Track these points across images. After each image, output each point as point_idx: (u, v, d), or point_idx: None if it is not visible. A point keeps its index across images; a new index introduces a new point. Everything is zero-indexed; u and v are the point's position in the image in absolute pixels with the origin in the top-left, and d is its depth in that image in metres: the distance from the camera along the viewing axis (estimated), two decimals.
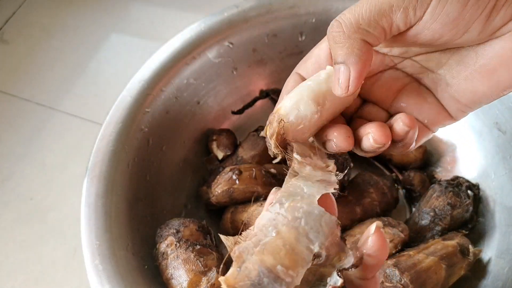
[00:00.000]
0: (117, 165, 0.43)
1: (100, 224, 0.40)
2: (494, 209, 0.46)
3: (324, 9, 0.51)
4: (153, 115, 0.48)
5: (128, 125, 0.45)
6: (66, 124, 0.67)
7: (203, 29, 0.50)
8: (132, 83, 0.47)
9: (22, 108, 0.69)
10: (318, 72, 0.26)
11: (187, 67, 0.50)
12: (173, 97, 0.50)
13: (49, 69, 0.73)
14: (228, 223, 0.46)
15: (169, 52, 0.49)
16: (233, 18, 0.51)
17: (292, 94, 0.25)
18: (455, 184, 0.46)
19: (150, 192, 0.47)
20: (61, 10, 0.81)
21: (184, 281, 0.38)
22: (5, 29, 0.79)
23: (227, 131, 0.54)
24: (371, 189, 0.47)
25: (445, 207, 0.44)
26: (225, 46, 0.52)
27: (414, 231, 0.45)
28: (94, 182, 0.42)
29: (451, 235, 0.43)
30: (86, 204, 0.41)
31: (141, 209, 0.45)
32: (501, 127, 0.46)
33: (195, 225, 0.42)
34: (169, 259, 0.40)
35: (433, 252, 0.41)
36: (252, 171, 0.46)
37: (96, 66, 0.73)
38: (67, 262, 0.55)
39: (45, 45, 0.76)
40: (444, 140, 0.52)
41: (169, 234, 0.41)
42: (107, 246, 0.39)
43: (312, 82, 0.25)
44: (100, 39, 0.76)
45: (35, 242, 0.57)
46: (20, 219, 0.59)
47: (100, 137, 0.44)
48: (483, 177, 0.48)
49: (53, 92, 0.70)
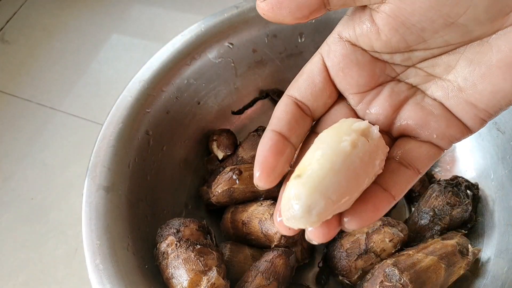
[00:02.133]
0: (117, 165, 0.43)
1: (101, 224, 0.40)
2: (493, 209, 0.46)
3: None
4: (153, 115, 0.48)
5: (129, 125, 0.46)
6: (67, 124, 0.67)
7: (203, 29, 0.50)
8: (132, 83, 0.47)
9: (23, 108, 0.69)
10: (338, 133, 0.22)
11: (187, 68, 0.50)
12: (173, 98, 0.50)
13: (50, 70, 0.73)
14: (228, 223, 0.47)
15: (170, 52, 0.49)
16: (233, 18, 0.51)
17: (306, 188, 0.20)
18: (454, 184, 0.46)
19: (151, 192, 0.47)
20: (62, 10, 0.81)
21: (184, 281, 0.38)
22: (6, 29, 0.79)
23: (227, 131, 0.54)
24: None
25: (444, 207, 0.44)
26: (225, 47, 0.52)
27: (413, 231, 0.45)
28: (95, 182, 0.42)
29: (451, 235, 0.43)
30: (86, 203, 0.41)
31: (142, 209, 0.45)
32: (500, 127, 0.46)
33: (195, 225, 0.42)
34: (169, 259, 0.40)
35: (432, 251, 0.41)
36: (252, 171, 0.46)
37: (97, 67, 0.73)
38: (68, 261, 0.55)
39: (46, 46, 0.76)
40: None
41: (169, 234, 0.41)
42: (107, 246, 0.39)
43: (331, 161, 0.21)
44: (101, 39, 0.76)
45: (36, 241, 0.57)
46: (21, 219, 0.59)
47: (100, 137, 0.44)
48: (482, 176, 0.48)
49: (54, 92, 0.71)
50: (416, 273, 0.39)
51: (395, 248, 0.42)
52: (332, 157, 0.21)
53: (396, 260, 0.40)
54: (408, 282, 0.38)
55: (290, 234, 0.23)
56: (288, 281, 0.42)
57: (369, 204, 0.22)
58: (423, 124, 0.23)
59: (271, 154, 0.23)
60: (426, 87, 0.24)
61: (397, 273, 0.39)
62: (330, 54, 0.24)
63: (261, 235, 0.44)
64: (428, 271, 0.40)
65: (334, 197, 0.20)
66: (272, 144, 0.23)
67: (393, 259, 0.40)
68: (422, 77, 0.24)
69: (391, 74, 0.24)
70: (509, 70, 0.20)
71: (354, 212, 0.22)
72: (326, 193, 0.20)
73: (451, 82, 0.23)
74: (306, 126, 0.25)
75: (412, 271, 0.39)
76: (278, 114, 0.24)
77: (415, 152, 0.23)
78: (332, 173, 0.21)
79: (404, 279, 0.38)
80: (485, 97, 0.21)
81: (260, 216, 0.44)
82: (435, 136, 0.23)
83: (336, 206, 0.21)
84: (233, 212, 0.47)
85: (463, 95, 0.22)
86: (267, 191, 0.46)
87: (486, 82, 0.21)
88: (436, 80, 0.23)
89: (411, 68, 0.24)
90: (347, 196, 0.21)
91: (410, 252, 0.41)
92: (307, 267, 0.47)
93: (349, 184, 0.21)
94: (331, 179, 0.20)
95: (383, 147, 0.23)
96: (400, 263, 0.40)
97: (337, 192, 0.20)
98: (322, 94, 0.25)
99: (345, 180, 0.21)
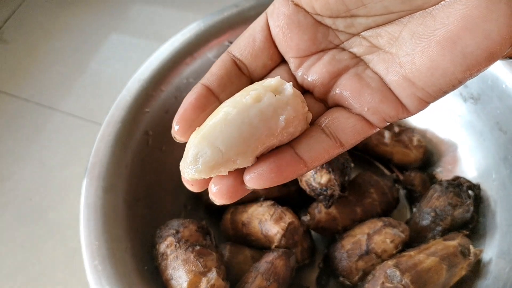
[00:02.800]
0: (116, 165, 0.43)
1: (100, 224, 0.40)
2: (495, 209, 0.45)
3: None
4: (152, 115, 0.48)
5: (128, 125, 0.45)
6: (66, 124, 0.67)
7: (203, 28, 0.50)
8: (131, 82, 0.47)
9: (22, 108, 0.69)
10: (244, 89, 0.22)
11: (186, 67, 0.50)
12: (172, 97, 0.50)
13: (49, 69, 0.73)
14: (228, 224, 0.46)
15: (169, 51, 0.49)
16: (233, 17, 0.51)
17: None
18: (456, 184, 0.46)
19: (150, 193, 0.47)
20: (61, 9, 0.81)
21: (183, 282, 0.38)
22: (4, 28, 0.79)
23: None
24: (371, 189, 0.46)
25: (446, 207, 0.44)
26: (224, 46, 0.51)
27: (415, 232, 0.45)
28: (94, 183, 0.41)
29: (452, 235, 0.43)
30: (85, 204, 0.40)
31: (141, 209, 0.45)
32: (502, 127, 0.45)
33: (194, 225, 0.42)
34: (168, 260, 0.40)
35: (434, 252, 0.41)
36: None
37: (96, 66, 0.73)
38: (66, 262, 0.55)
39: (44, 45, 0.76)
40: (445, 140, 0.52)
41: (168, 235, 0.41)
42: (106, 247, 0.39)
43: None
44: (100, 39, 0.76)
45: (34, 242, 0.57)
46: (19, 220, 0.58)
47: (99, 137, 0.44)
48: (484, 177, 0.47)
49: (52, 92, 0.70)
50: (417, 274, 0.39)
51: (396, 249, 0.42)
52: (229, 108, 0.21)
53: (397, 261, 0.40)
54: (409, 283, 0.38)
55: (193, 189, 0.22)
56: (288, 282, 0.42)
57: (273, 163, 0.21)
58: (357, 95, 0.22)
59: (191, 107, 0.22)
60: (369, 59, 0.23)
61: (398, 274, 0.39)
62: (274, 13, 0.23)
63: (261, 236, 0.43)
64: (430, 272, 0.39)
65: (223, 148, 0.20)
66: (196, 97, 0.23)
67: (394, 260, 0.40)
68: (365, 48, 0.23)
69: (334, 41, 0.24)
70: (449, 45, 0.19)
71: (255, 169, 0.21)
72: (215, 142, 0.20)
73: (392, 56, 0.21)
74: (241, 85, 0.24)
75: (413, 272, 0.39)
76: (213, 69, 0.24)
77: (341, 123, 0.22)
78: (224, 123, 0.20)
79: (405, 280, 0.38)
80: (423, 74, 0.20)
81: (260, 217, 0.43)
82: (366, 110, 0.22)
83: (226, 158, 0.20)
84: (233, 212, 0.46)
85: (402, 70, 0.21)
86: (268, 191, 0.46)
87: (424, 57, 0.20)
88: (379, 52, 0.22)
89: (356, 37, 0.23)
90: (240, 149, 0.20)
91: (412, 253, 0.41)
92: (307, 268, 0.47)
93: (243, 136, 0.20)
94: (221, 129, 0.20)
95: (296, 105, 0.22)
96: (402, 264, 0.39)
97: (226, 142, 0.20)
98: (261, 54, 0.24)
99: (238, 132, 0.20)
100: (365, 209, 0.46)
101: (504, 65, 0.45)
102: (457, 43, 0.18)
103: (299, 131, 0.22)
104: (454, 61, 0.19)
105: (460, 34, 0.18)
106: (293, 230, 0.43)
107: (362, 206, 0.46)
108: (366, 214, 0.46)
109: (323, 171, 0.41)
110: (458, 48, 0.19)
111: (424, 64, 0.20)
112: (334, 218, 0.45)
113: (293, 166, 0.21)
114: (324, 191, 0.42)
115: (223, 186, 0.21)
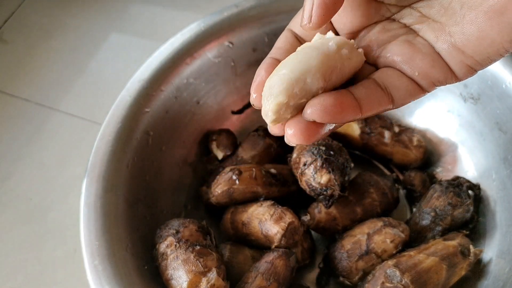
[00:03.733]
0: (116, 165, 0.43)
1: (100, 224, 0.40)
2: (495, 209, 0.45)
3: None
4: (152, 115, 0.48)
5: (128, 125, 0.45)
6: (66, 124, 0.67)
7: (203, 28, 0.50)
8: (131, 82, 0.47)
9: (21, 108, 0.69)
10: (323, 39, 0.24)
11: (186, 67, 0.50)
12: (172, 97, 0.50)
13: (49, 69, 0.73)
14: (228, 224, 0.46)
15: (169, 51, 0.49)
16: (233, 17, 0.51)
17: (296, 62, 0.22)
18: (455, 184, 0.46)
19: (150, 193, 0.47)
20: (61, 9, 0.81)
21: (184, 282, 0.38)
22: (4, 28, 0.79)
23: (227, 131, 0.54)
24: (371, 189, 0.46)
25: (445, 207, 0.44)
26: (225, 46, 0.51)
27: (414, 231, 0.45)
28: (94, 182, 0.41)
29: (452, 235, 0.43)
30: (85, 204, 0.40)
31: (141, 209, 0.45)
32: (502, 127, 0.45)
33: (195, 225, 0.42)
34: (168, 260, 0.40)
35: (433, 252, 0.41)
36: (252, 171, 0.46)
37: (96, 66, 0.73)
38: (66, 262, 0.55)
39: (44, 45, 0.76)
40: (445, 140, 0.52)
41: (168, 235, 0.41)
42: (106, 247, 0.39)
43: (319, 51, 0.22)
44: (100, 39, 0.76)
45: (34, 242, 0.57)
46: (19, 220, 0.58)
47: (99, 137, 0.44)
48: (484, 177, 0.47)
49: (52, 92, 0.70)
50: (417, 274, 0.39)
51: (396, 248, 0.42)
52: (308, 49, 0.22)
53: (397, 261, 0.40)
54: (409, 283, 0.38)
55: (276, 132, 0.23)
56: (289, 282, 0.42)
57: (335, 100, 0.22)
58: (408, 59, 0.23)
59: (267, 74, 0.23)
60: (418, 28, 0.24)
61: (398, 274, 0.39)
62: None
63: (261, 236, 0.43)
64: (430, 272, 0.39)
65: (287, 70, 0.21)
66: (267, 68, 0.24)
67: (394, 260, 0.40)
68: (416, 18, 0.24)
69: (386, 14, 0.25)
70: (497, 16, 0.20)
71: (319, 100, 0.21)
72: (281, 71, 0.22)
73: (442, 25, 0.22)
74: None
75: (413, 272, 0.39)
76: (279, 44, 0.25)
77: (395, 80, 0.23)
78: (288, 58, 0.22)
79: (405, 280, 0.38)
80: (472, 43, 0.21)
81: (260, 217, 0.43)
82: (417, 74, 0.23)
83: (294, 77, 0.21)
84: (233, 212, 0.46)
85: (451, 39, 0.22)
86: (267, 192, 0.46)
87: (473, 27, 0.21)
88: (429, 22, 0.23)
89: (407, 8, 0.24)
90: (305, 67, 0.21)
91: (411, 252, 0.41)
92: (307, 268, 0.47)
93: (304, 60, 0.22)
94: (285, 62, 0.22)
95: (351, 43, 0.24)
96: (401, 264, 0.39)
97: (291, 66, 0.22)
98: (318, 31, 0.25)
99: (298, 59, 0.22)
100: (365, 209, 0.46)
101: (504, 65, 0.45)
102: (504, 14, 0.19)
103: (358, 62, 0.24)
104: (502, 31, 0.20)
105: (507, 6, 0.19)
106: (293, 230, 0.43)
107: (362, 206, 0.46)
108: (366, 214, 0.46)
109: (323, 171, 0.41)
110: (505, 19, 0.19)
111: (473, 33, 0.21)
112: (334, 218, 0.45)
113: (352, 107, 0.22)
114: (324, 191, 0.42)
115: (297, 127, 0.22)
